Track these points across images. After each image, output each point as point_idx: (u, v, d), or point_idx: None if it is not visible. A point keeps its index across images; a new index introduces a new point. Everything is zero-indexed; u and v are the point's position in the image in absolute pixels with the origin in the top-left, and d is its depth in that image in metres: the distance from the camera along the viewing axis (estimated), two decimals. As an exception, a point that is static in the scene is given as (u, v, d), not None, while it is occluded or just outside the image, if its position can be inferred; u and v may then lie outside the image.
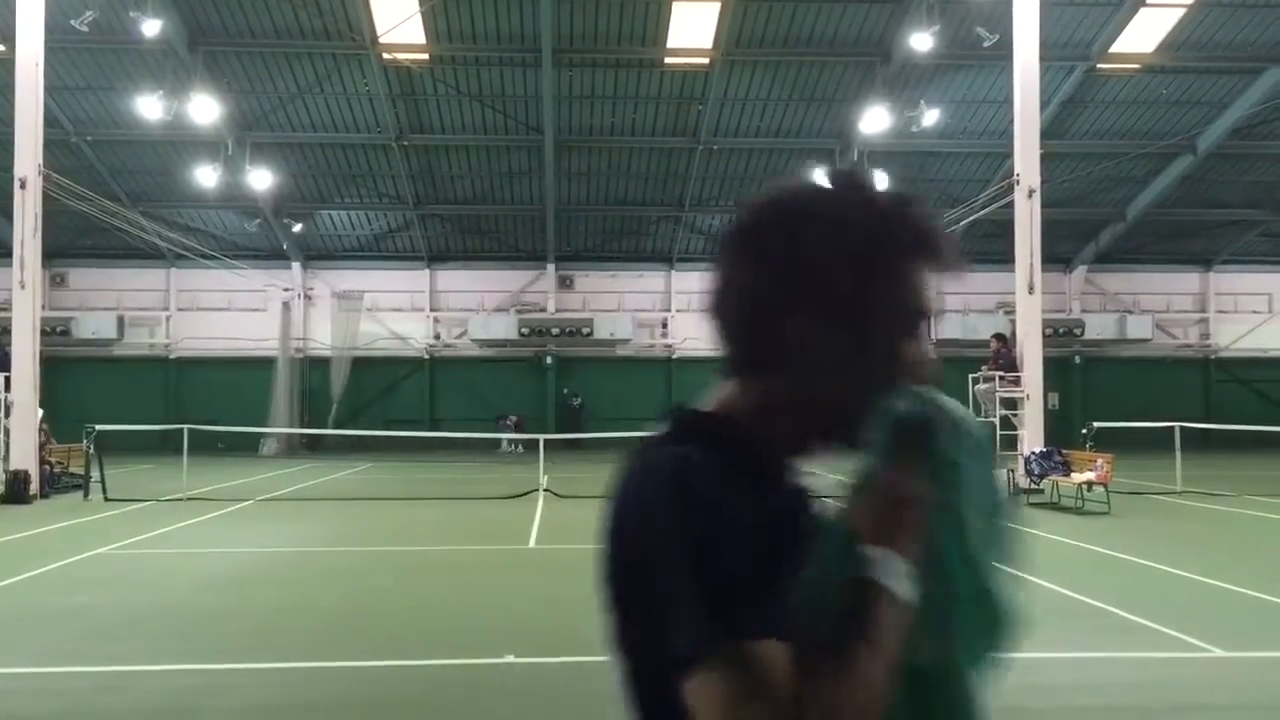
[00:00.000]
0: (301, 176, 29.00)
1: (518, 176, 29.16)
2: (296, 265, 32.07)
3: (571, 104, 26.16)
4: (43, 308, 20.02)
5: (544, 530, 13.04)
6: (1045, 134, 20.72)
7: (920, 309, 1.25)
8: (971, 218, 22.31)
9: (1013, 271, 17.96)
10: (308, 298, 32.42)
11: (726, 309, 1.26)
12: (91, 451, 17.04)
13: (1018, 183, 17.57)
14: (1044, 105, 21.86)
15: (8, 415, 16.78)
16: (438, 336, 32.83)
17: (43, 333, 18.00)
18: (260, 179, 27.08)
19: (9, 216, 17.94)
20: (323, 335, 32.12)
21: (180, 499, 16.45)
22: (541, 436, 19.78)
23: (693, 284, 32.94)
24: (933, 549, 1.16)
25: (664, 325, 33.14)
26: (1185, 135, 27.40)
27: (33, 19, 17.22)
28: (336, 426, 30.04)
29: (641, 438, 1.27)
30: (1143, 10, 23.24)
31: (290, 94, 25.47)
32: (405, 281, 32.75)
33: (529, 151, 27.90)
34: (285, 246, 31.31)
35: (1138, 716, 5.64)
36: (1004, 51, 19.54)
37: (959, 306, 33.33)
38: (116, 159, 27.91)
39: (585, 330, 31.53)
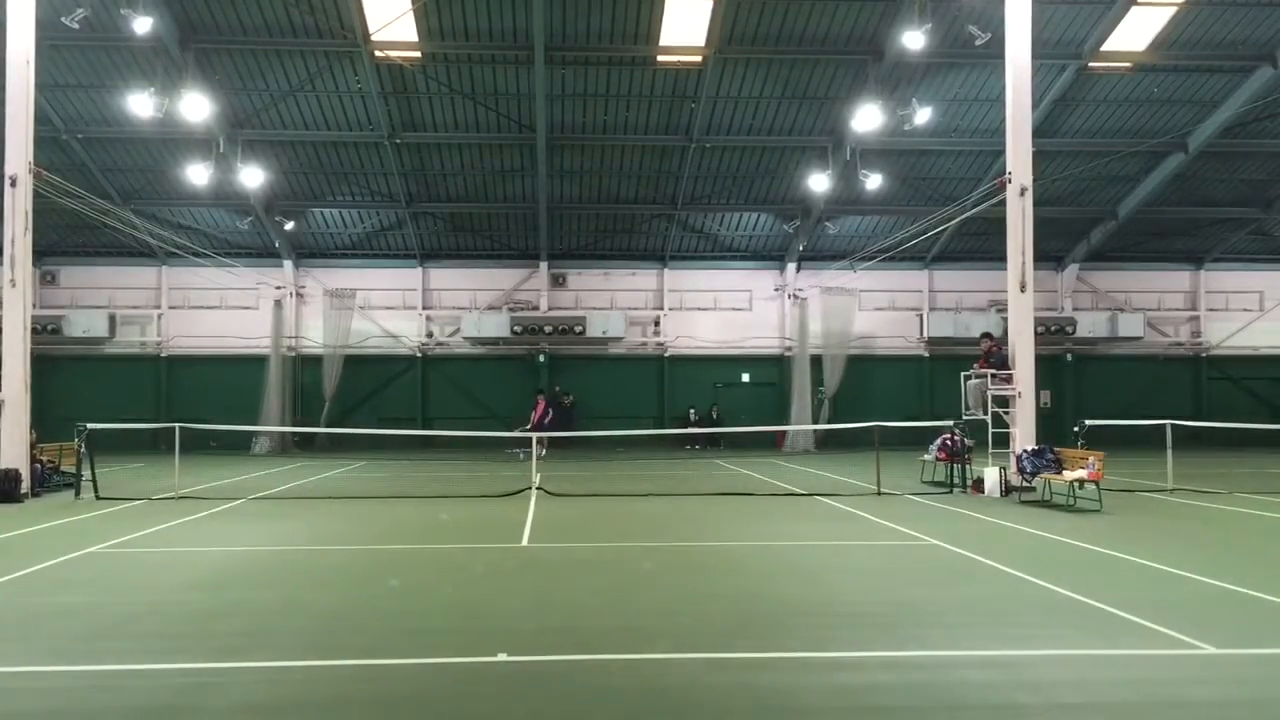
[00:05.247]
0: (293, 174, 28.95)
1: (510, 174, 29.14)
2: (288, 263, 32.02)
3: (564, 102, 26.15)
4: (33, 306, 19.95)
5: (537, 529, 13.05)
6: (1037, 132, 20.76)
7: None
8: (963, 216, 22.34)
9: (1005, 269, 18.00)
10: (300, 296, 32.38)
11: None
12: (83, 450, 16.98)
13: (1009, 181, 17.60)
14: (1036, 103, 21.95)
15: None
16: (430, 335, 32.81)
17: (33, 331, 17.90)
18: (252, 177, 27.04)
19: (-1, 214, 17.87)
20: (315, 333, 32.10)
21: (172, 498, 16.41)
22: (534, 434, 19.80)
23: (685, 282, 32.98)
24: None
25: (656, 323, 33.15)
26: (1176, 134, 27.50)
27: (24, 16, 17.16)
28: (329, 425, 30.01)
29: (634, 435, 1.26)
30: (1134, 9, 23.33)
31: (282, 91, 25.42)
32: (397, 279, 32.72)
33: (521, 149, 27.87)
34: (277, 244, 31.26)
35: (1128, 713, 5.65)
36: (996, 50, 19.57)
37: (951, 304, 33.49)
38: (108, 156, 27.85)
39: (578, 328, 31.51)
